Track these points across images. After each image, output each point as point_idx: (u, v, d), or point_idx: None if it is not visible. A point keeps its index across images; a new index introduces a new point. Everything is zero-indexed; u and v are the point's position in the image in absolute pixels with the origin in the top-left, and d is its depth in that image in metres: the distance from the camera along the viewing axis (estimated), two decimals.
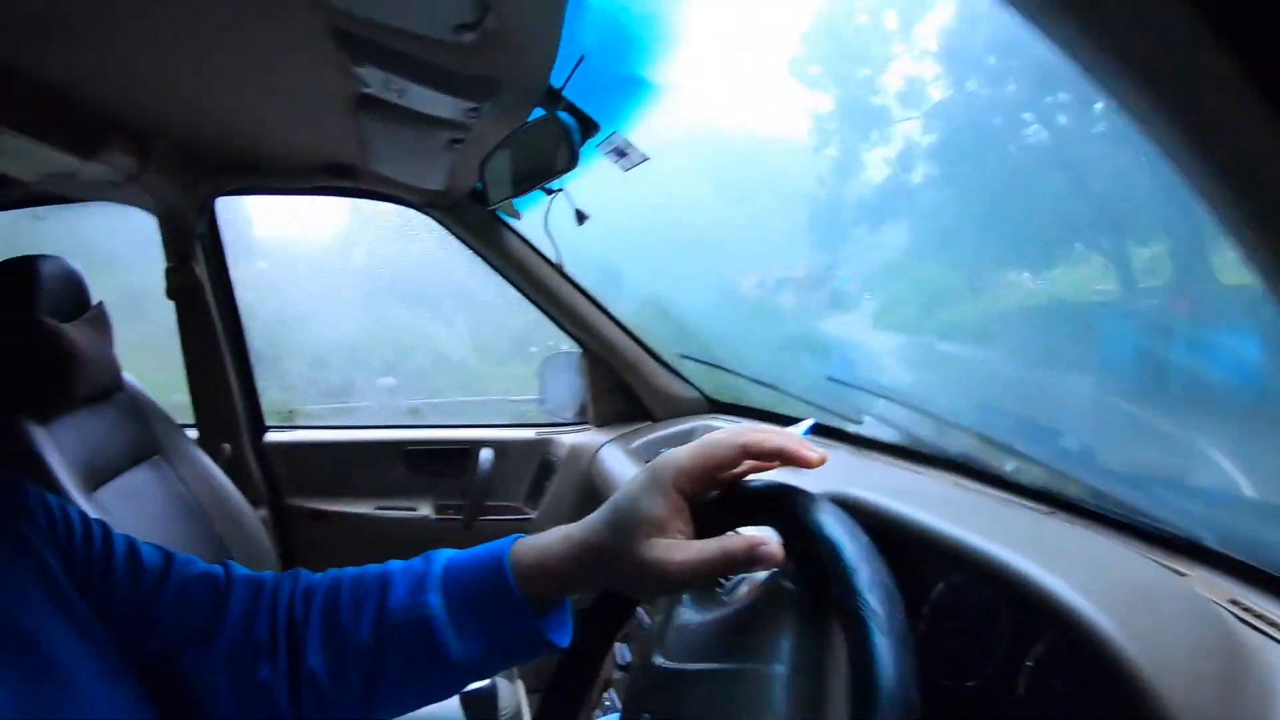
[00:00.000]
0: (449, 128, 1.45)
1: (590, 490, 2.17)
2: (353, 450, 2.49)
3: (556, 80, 1.30)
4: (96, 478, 1.76)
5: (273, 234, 2.64)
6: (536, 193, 1.61)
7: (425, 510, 2.41)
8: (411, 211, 2.21)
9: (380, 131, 1.56)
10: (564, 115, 1.30)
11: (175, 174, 2.05)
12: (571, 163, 1.31)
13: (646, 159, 1.53)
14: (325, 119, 1.63)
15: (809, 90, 3.30)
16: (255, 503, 2.30)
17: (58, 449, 1.66)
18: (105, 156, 1.69)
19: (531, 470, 2.35)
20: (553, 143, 1.31)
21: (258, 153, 2.03)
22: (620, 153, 1.52)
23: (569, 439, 2.29)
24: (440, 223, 2.17)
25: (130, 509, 1.80)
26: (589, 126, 1.36)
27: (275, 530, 2.45)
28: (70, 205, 2.32)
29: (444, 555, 0.79)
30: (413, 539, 2.29)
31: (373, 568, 0.81)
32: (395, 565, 0.80)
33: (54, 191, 2.11)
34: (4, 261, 1.74)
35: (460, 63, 1.17)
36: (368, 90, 1.30)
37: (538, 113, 1.38)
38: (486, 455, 2.17)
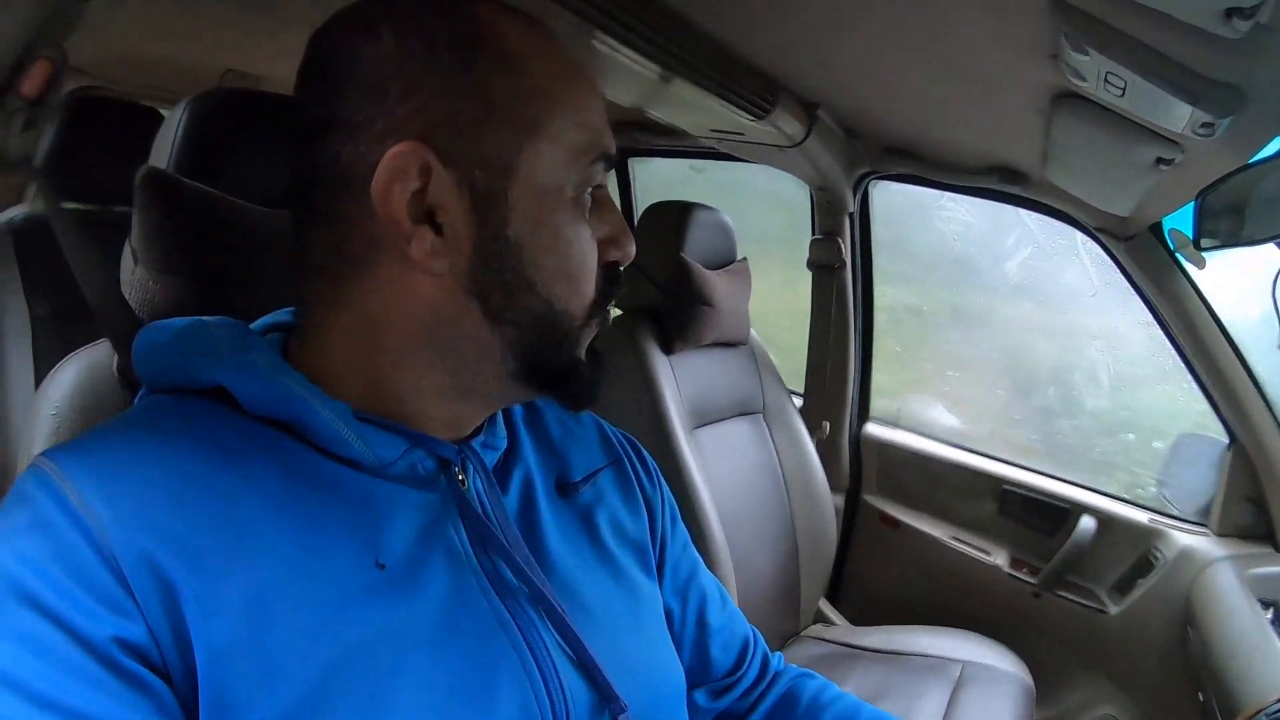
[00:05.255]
0: (1161, 145, 1.24)
1: (1185, 609, 1.85)
2: (947, 469, 2.43)
3: None
4: (699, 418, 1.95)
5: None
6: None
7: (999, 558, 2.28)
8: (1076, 234, 2.02)
9: (1073, 138, 1.40)
10: None
11: (836, 148, 2.13)
12: None
13: None
14: (1009, 114, 1.52)
15: None
16: (835, 488, 2.39)
17: (674, 380, 1.89)
18: (775, 119, 1.80)
19: (1129, 560, 2.08)
20: None
21: (923, 140, 2.02)
22: None
23: (1182, 539, 1.98)
24: (1110, 253, 1.93)
25: (721, 456, 1.98)
26: None
27: (843, 520, 2.53)
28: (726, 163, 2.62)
29: None
30: (976, 583, 2.27)
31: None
32: None
33: (715, 148, 2.34)
34: (665, 202, 2.01)
35: (1209, 63, 0.95)
36: (1077, 84, 1.15)
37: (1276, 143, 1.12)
38: (1088, 526, 2.09)
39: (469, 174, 0.60)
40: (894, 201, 2.51)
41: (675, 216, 1.96)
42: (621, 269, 0.70)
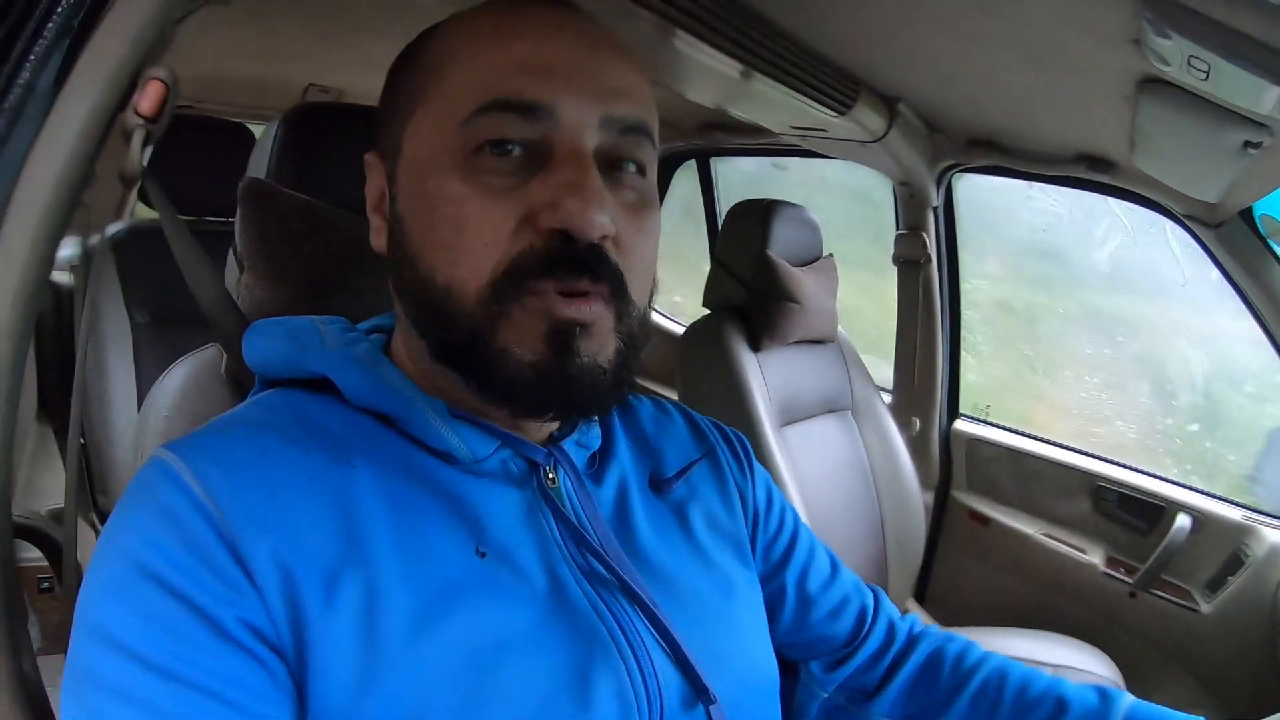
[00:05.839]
0: (1249, 128, 1.22)
1: (1274, 609, 1.80)
2: (1039, 464, 2.40)
3: None
4: (788, 415, 1.98)
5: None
6: None
7: (1094, 556, 2.23)
8: (1165, 222, 1.98)
9: (1159, 124, 1.38)
10: None
11: (918, 141, 2.13)
12: None
13: None
14: (1095, 101, 1.51)
15: None
16: (924, 485, 2.37)
17: (762, 378, 1.91)
18: (856, 115, 1.81)
19: (1220, 557, 2.03)
20: None
21: (1007, 131, 2.00)
22: None
23: (1271, 537, 1.92)
24: (1199, 240, 1.89)
25: (809, 453, 2.00)
26: None
27: (932, 517, 2.52)
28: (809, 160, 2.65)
29: (1126, 702, 0.80)
30: (1069, 582, 2.23)
31: (1040, 680, 0.85)
32: (1068, 691, 0.83)
33: (798, 144, 2.37)
34: (750, 200, 2.04)
35: None
36: (1160, 69, 1.15)
37: None
38: (1183, 525, 2.04)
39: (389, 166, 0.68)
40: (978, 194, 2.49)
41: (760, 214, 1.98)
42: (589, 241, 0.60)
